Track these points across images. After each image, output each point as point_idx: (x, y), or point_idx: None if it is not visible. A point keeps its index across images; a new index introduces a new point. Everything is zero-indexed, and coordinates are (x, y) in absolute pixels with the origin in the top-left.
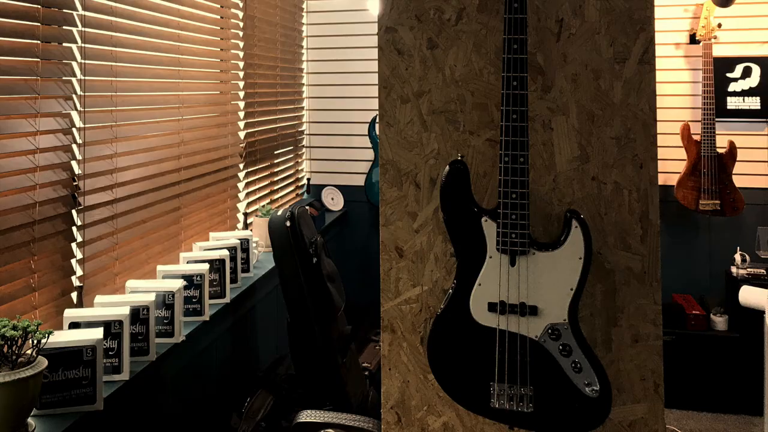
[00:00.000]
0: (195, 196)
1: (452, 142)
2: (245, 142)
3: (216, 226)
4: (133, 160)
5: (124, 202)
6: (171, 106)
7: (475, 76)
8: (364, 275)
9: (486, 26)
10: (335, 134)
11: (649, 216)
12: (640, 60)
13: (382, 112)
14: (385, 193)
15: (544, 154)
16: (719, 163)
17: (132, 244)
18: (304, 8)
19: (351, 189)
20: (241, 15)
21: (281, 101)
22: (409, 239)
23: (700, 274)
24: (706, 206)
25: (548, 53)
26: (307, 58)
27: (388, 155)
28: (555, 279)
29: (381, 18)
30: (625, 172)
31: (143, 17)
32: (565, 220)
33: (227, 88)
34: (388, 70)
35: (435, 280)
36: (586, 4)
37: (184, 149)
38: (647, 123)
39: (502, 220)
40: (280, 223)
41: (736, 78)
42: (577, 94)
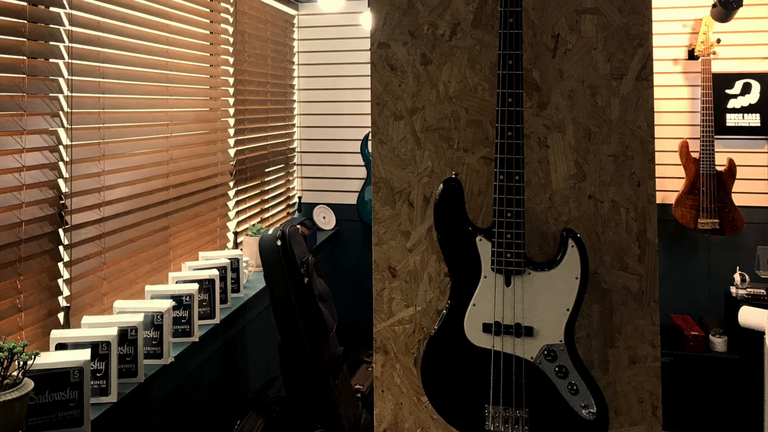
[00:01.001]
0: (184, 214)
1: (446, 159)
2: (235, 160)
3: (205, 246)
4: (121, 178)
5: (111, 220)
6: (160, 123)
7: (470, 93)
8: (357, 295)
9: (481, 42)
10: (327, 152)
11: (647, 235)
12: (637, 76)
13: (375, 129)
14: (377, 212)
15: (540, 172)
16: (718, 181)
17: (120, 264)
18: (295, 23)
19: (343, 207)
20: (231, 30)
21: (272, 118)
22: (402, 259)
23: (698, 295)
24: (705, 225)
25: (544, 69)
26: (298, 74)
27: (380, 173)
28: (551, 299)
29: (374, 33)
30: (622, 191)
31: (131, 32)
32: (561, 240)
33: (217, 105)
34: (381, 87)
35: (429, 301)
36: (583, 19)
37: (173, 167)
38: (645, 140)
39: (497, 240)
40: (270, 243)
41: (735, 94)
42: (574, 111)
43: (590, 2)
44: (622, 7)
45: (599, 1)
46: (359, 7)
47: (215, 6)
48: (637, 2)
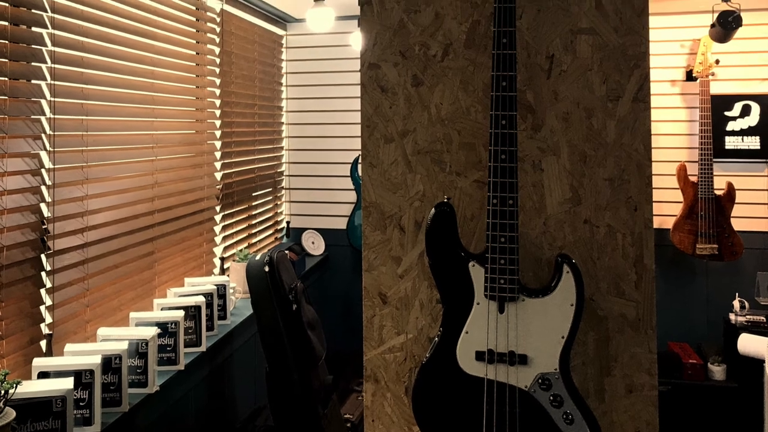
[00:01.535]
0: (170, 239)
1: (438, 183)
2: (222, 184)
3: (191, 272)
4: (104, 202)
5: (95, 246)
6: (144, 145)
7: (462, 115)
8: (346, 322)
9: (473, 62)
10: (316, 175)
11: (644, 261)
12: (634, 98)
13: (365, 152)
14: (368, 237)
15: (534, 196)
16: (717, 205)
17: (104, 290)
18: (284, 44)
19: (332, 232)
20: (218, 51)
21: (259, 141)
22: (393, 285)
23: (697, 322)
24: (704, 250)
25: (538, 91)
26: (286, 96)
27: (371, 197)
28: (545, 326)
29: (364, 54)
30: (618, 215)
31: (115, 53)
32: (556, 265)
33: (203, 127)
34: (372, 109)
35: (420, 328)
36: (578, 39)
37: (159, 191)
38: (642, 163)
39: (490, 265)
40: (258, 268)
41: (734, 116)
42: (569, 134)
43: (585, 22)
44: (618, 27)
45: (595, 21)
46: (349, 27)
47: (201, 26)
48: (633, 22)
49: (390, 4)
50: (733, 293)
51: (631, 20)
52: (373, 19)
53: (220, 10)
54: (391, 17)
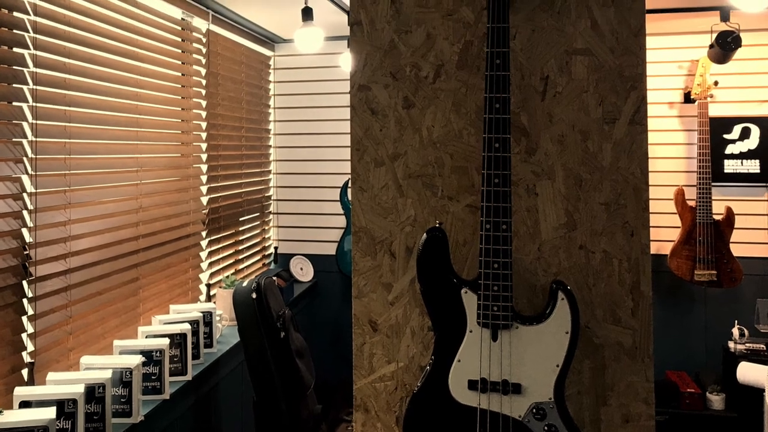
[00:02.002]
0: (154, 266)
1: (430, 208)
2: (208, 208)
3: (177, 298)
4: (88, 227)
5: (78, 272)
6: (129, 169)
7: (455, 138)
8: (336, 350)
9: (466, 84)
10: (304, 200)
11: (641, 287)
12: (631, 120)
13: (355, 176)
14: (357, 263)
15: (529, 221)
16: (716, 230)
17: (87, 318)
18: (271, 65)
19: (321, 258)
20: (204, 72)
21: (246, 164)
22: (383, 312)
23: (695, 350)
24: (702, 277)
25: (533, 113)
26: (274, 118)
27: (361, 222)
28: (540, 355)
29: (353, 75)
30: (614, 241)
31: (99, 74)
32: (550, 292)
33: (189, 150)
34: (362, 131)
35: (411, 356)
36: (573, 60)
37: (143, 216)
38: (639, 188)
39: (483, 292)
40: (245, 295)
41: (733, 139)
42: (564, 157)
43: (581, 42)
44: (614, 47)
45: (590, 42)
46: (338, 48)
47: (187, 47)
48: (630, 43)
49: (380, 25)
50: (733, 320)
51: (627, 41)
52: (363, 40)
53: (206, 31)
54: (382, 38)
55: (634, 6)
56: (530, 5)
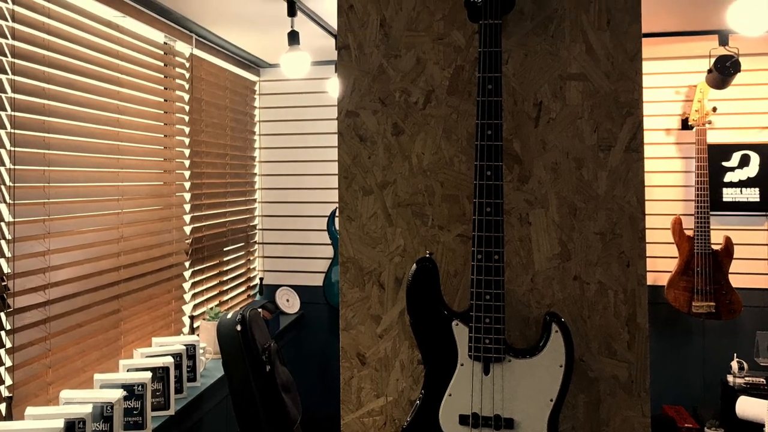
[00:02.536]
0: (136, 297)
1: (420, 237)
2: (191, 238)
3: (159, 331)
4: (67, 257)
5: (58, 304)
6: (110, 198)
7: (445, 165)
8: (323, 384)
9: (457, 110)
10: (290, 229)
11: (637, 319)
12: (626, 147)
13: (343, 204)
14: (345, 294)
15: (521, 251)
16: (714, 260)
17: (67, 351)
18: (257, 90)
19: (308, 289)
20: (187, 98)
21: (231, 192)
22: (372, 345)
23: (693, 383)
24: (700, 308)
25: (526, 140)
26: (259, 145)
27: (349, 252)
28: (533, 389)
29: (341, 101)
30: (610, 271)
31: (79, 100)
32: (544, 324)
33: (171, 178)
34: (349, 159)
35: (401, 390)
36: (568, 85)
37: (125, 246)
38: (635, 217)
39: (474, 324)
40: (229, 328)
41: (732, 167)
42: (558, 185)
43: (575, 67)
44: (609, 72)
45: (585, 67)
46: (325, 73)
47: (169, 71)
48: (626, 67)
49: (369, 49)
50: (731, 354)
51: (623, 65)
52: (351, 65)
53: (189, 55)
54: (370, 62)
55: (630, 30)
56: (523, 29)
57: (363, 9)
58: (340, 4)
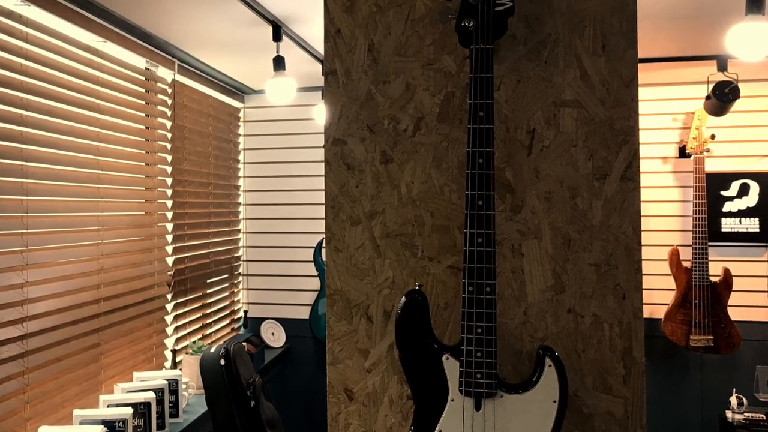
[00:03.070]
0: (117, 330)
1: (409, 269)
2: (174, 270)
3: (141, 365)
4: (46, 289)
5: (36, 337)
6: (90, 228)
7: (435, 195)
8: (309, 420)
9: (447, 138)
10: (276, 261)
11: (633, 353)
12: (622, 176)
13: (330, 235)
14: (332, 328)
15: (514, 283)
16: (712, 293)
17: (45, 386)
18: (241, 117)
19: (294, 323)
20: (169, 125)
21: (214, 223)
22: (360, 380)
23: (690, 420)
24: (698, 342)
25: (518, 168)
26: (244, 174)
27: (336, 284)
28: (526, 425)
29: (328, 129)
30: (605, 304)
31: (58, 127)
32: (537, 359)
33: (153, 208)
34: (337, 188)
35: (389, 427)
36: (561, 112)
37: (105, 277)
38: (631, 247)
39: (465, 358)
40: (213, 362)
41: (731, 196)
42: (551, 215)
43: (570, 93)
44: (605, 99)
45: (580, 93)
46: (312, 100)
47: (151, 98)
48: (621, 93)
49: (357, 75)
50: (730, 389)
51: (618, 91)
52: (339, 91)
53: (171, 81)
54: (358, 88)
55: (626, 55)
56: (516, 54)
57: (350, 34)
58: (327, 29)
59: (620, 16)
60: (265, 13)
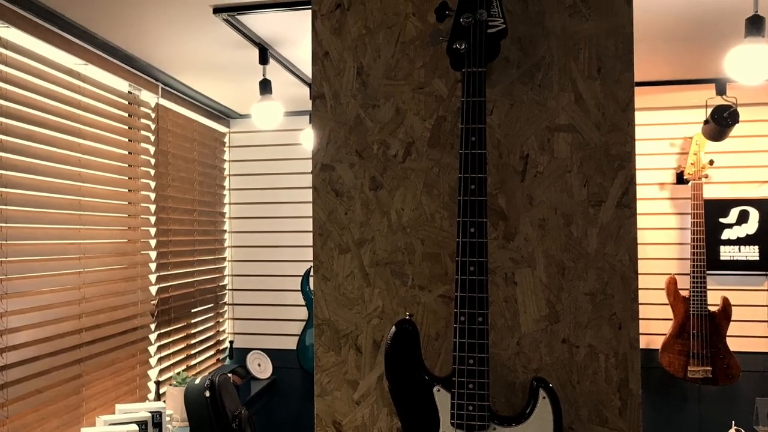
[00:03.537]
0: (99, 361)
1: (399, 298)
2: (157, 299)
3: (123, 397)
4: (26, 319)
5: (15, 368)
6: (71, 256)
7: (426, 222)
8: None
9: (438, 163)
10: (262, 290)
11: (630, 385)
12: (618, 203)
13: (318, 263)
14: (320, 359)
15: (507, 312)
16: (711, 323)
17: (25, 418)
18: (226, 142)
19: (281, 353)
20: (153, 150)
21: (199, 251)
22: (348, 412)
23: None
24: (696, 373)
25: (511, 195)
26: (229, 201)
27: (324, 314)
28: None
29: (316, 154)
30: (601, 334)
31: (38, 152)
32: (530, 390)
33: (136, 236)
34: (325, 215)
35: None
36: (556, 137)
37: (87, 307)
38: (627, 276)
39: (457, 390)
40: (197, 394)
41: (730, 224)
42: (545, 243)
43: (564, 118)
44: (600, 123)
45: (574, 117)
46: (299, 124)
47: (134, 123)
48: (617, 118)
49: (345, 99)
50: (729, 421)
51: (614, 116)
52: (327, 115)
53: (155, 105)
54: (347, 113)
55: (622, 78)
56: (509, 77)
57: (339, 56)
58: (315, 51)
59: (616, 39)
60: (252, 35)
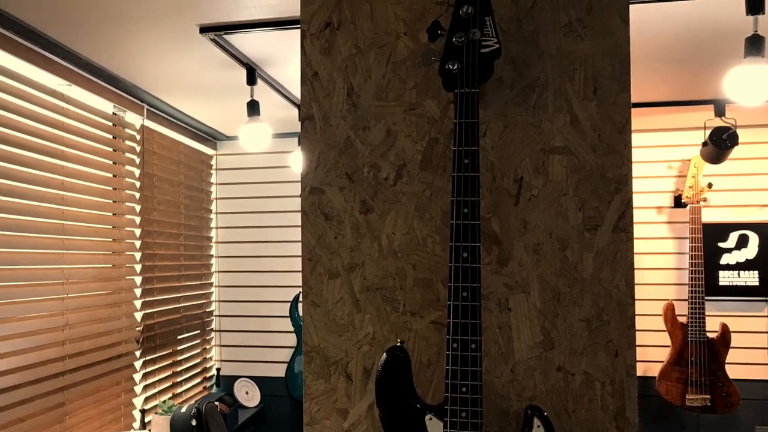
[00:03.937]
0: (83, 389)
1: (390, 324)
2: (142, 325)
3: (108, 426)
4: (7, 346)
5: None
6: (54, 281)
7: (418, 246)
8: None
9: (430, 186)
10: (250, 316)
11: (626, 413)
12: (614, 227)
13: (307, 289)
14: (309, 386)
15: (501, 339)
16: (710, 350)
17: None
18: (213, 164)
19: (269, 381)
20: (138, 173)
21: (185, 276)
22: None
23: None
24: (694, 401)
25: (505, 218)
26: (216, 225)
27: (313, 341)
28: None
29: (305, 177)
30: (597, 361)
31: (20, 175)
32: (525, 419)
33: (121, 261)
34: (314, 239)
35: None
36: (551, 160)
37: (70, 333)
38: (623, 302)
39: (449, 419)
40: (184, 422)
41: (729, 248)
42: (540, 268)
43: (559, 140)
44: (596, 145)
45: (570, 139)
46: (288, 146)
47: (119, 145)
48: (614, 140)
49: (335, 120)
50: None
51: (611, 138)
52: (316, 137)
53: (140, 126)
54: (337, 135)
55: (619, 99)
56: (502, 98)
57: (329, 77)
58: (304, 72)
59: (612, 59)
60: (239, 55)
